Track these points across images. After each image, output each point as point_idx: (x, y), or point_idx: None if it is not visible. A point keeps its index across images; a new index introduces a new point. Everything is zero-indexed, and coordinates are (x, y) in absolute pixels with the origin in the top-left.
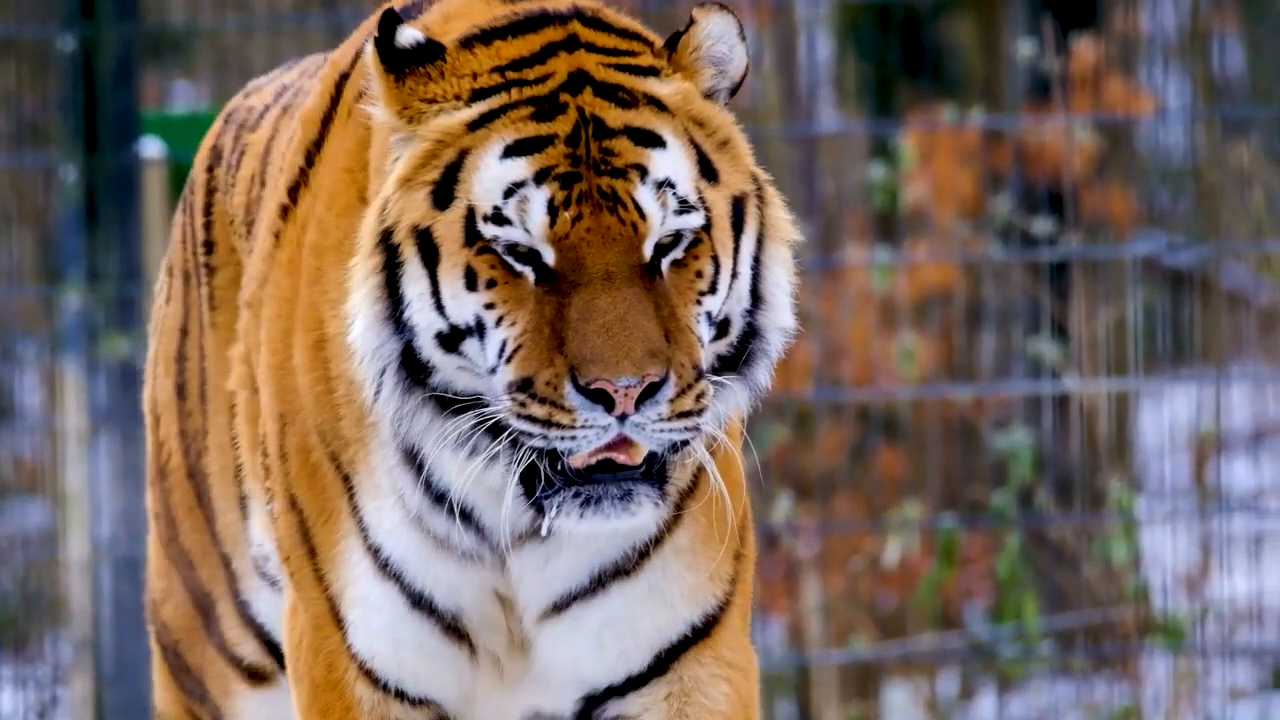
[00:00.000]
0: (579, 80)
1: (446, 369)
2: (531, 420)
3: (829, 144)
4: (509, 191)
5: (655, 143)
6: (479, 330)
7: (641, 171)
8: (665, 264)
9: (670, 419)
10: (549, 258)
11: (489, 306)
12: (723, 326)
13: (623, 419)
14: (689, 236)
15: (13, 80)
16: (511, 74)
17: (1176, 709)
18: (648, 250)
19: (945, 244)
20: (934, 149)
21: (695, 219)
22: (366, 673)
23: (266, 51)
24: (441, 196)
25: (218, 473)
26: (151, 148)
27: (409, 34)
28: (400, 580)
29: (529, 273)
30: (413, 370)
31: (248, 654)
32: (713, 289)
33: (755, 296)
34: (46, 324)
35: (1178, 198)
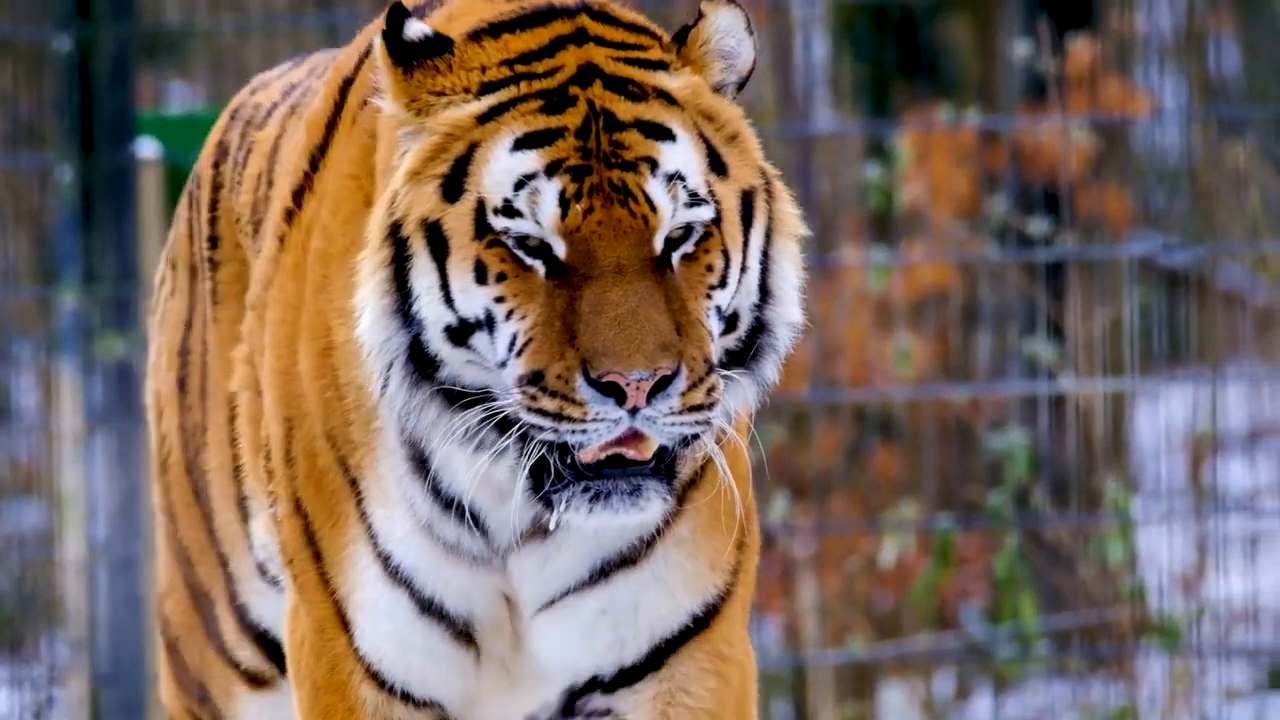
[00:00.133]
0: (588, 73)
1: (455, 363)
2: (542, 413)
3: (825, 144)
4: (520, 184)
5: (665, 136)
6: (488, 324)
7: (652, 164)
8: (676, 258)
9: (681, 412)
10: (560, 250)
11: (499, 300)
12: (731, 321)
13: (634, 412)
14: (699, 230)
15: (8, 81)
16: (520, 67)
17: (1172, 709)
18: (658, 243)
19: (941, 244)
20: (930, 149)
21: (705, 212)
22: (372, 675)
23: (262, 52)
24: (451, 189)
25: (216, 469)
26: (147, 148)
27: (417, 27)
28: (410, 586)
29: (539, 266)
30: (420, 364)
31: (245, 658)
32: (723, 283)
33: (763, 291)
34: (42, 324)
35: (1174, 198)
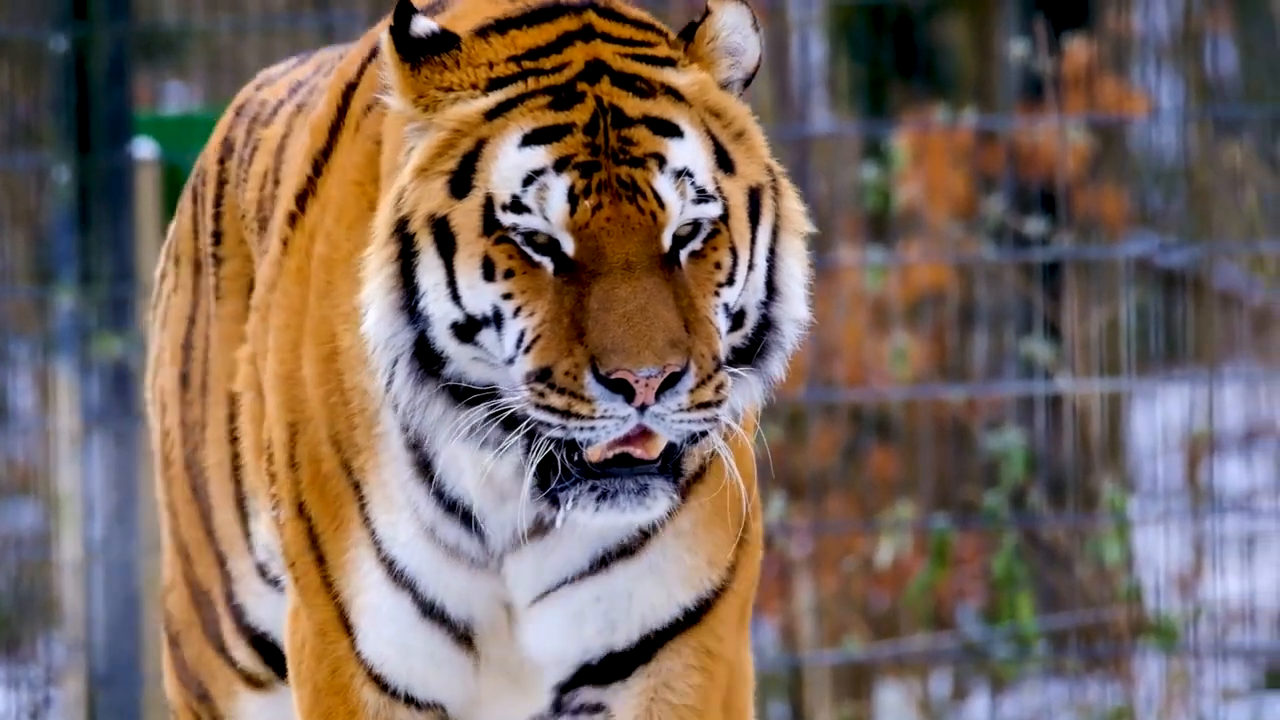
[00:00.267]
0: (596, 69)
1: (461, 359)
2: (550, 410)
3: (822, 145)
4: (528, 179)
5: (673, 132)
6: (496, 320)
7: (660, 160)
8: (684, 255)
9: (690, 409)
10: (568, 247)
11: (507, 297)
12: (738, 318)
13: (642, 409)
14: (707, 227)
15: (5, 81)
16: (528, 63)
17: (1169, 709)
18: (666, 240)
19: (938, 244)
20: (927, 149)
21: (713, 209)
22: (375, 678)
23: (259, 52)
24: (459, 185)
25: (214, 466)
26: (144, 149)
27: (424, 23)
28: (413, 590)
29: (547, 263)
30: (426, 360)
31: (241, 658)
32: (730, 280)
33: (770, 288)
34: (39, 325)
35: (1170, 198)
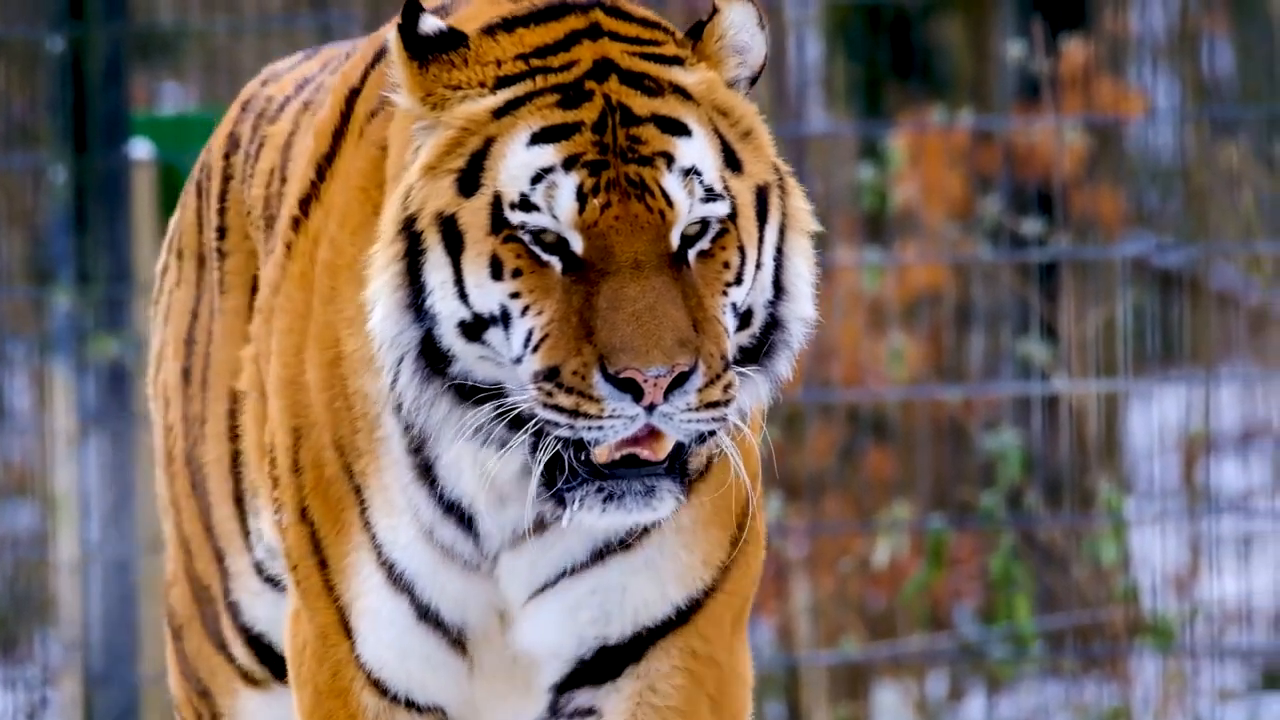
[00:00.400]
0: (604, 68)
1: (467, 358)
2: (558, 410)
3: (818, 145)
4: (537, 178)
5: (681, 131)
6: (504, 319)
7: (668, 159)
8: (692, 254)
9: (698, 409)
10: (577, 245)
11: (514, 296)
12: (746, 318)
13: (650, 409)
14: (715, 226)
15: (2, 81)
16: (536, 61)
17: (1166, 710)
18: (675, 238)
19: (934, 245)
20: (923, 150)
21: (721, 207)
22: (374, 682)
23: (255, 53)
24: (467, 183)
25: (213, 462)
26: (141, 149)
27: (432, 22)
28: (411, 593)
29: (555, 262)
30: (432, 359)
31: (238, 655)
32: (739, 280)
33: (777, 287)
34: (36, 325)
35: (1167, 198)
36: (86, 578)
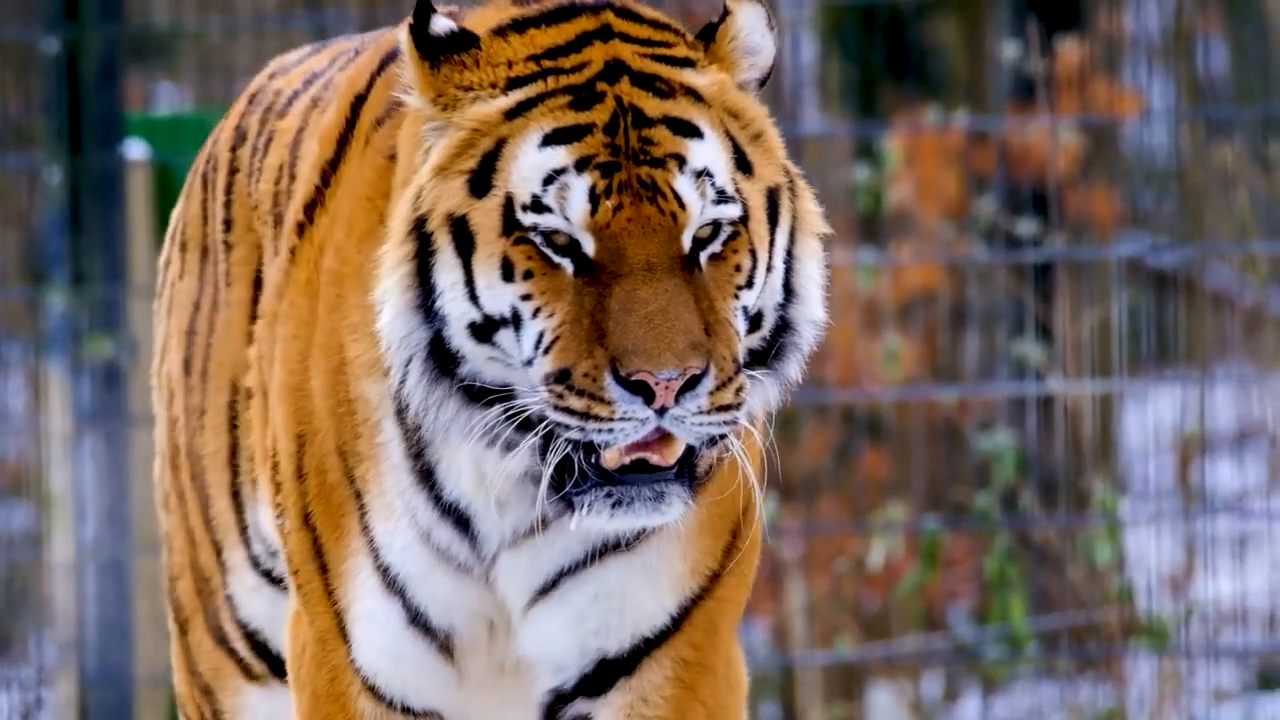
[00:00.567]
0: (616, 69)
1: (476, 359)
2: (569, 412)
3: (813, 145)
4: (549, 179)
5: (693, 133)
6: (514, 321)
7: (680, 161)
8: (704, 257)
9: (710, 412)
10: (589, 247)
11: (526, 298)
12: (756, 320)
13: (662, 412)
14: (727, 229)
15: None
16: (547, 62)
17: (1161, 710)
18: (687, 241)
19: (929, 245)
20: (918, 150)
21: (732, 210)
22: (370, 688)
23: (251, 53)
24: (479, 185)
25: (211, 455)
26: (136, 149)
27: (443, 22)
28: (403, 596)
29: (567, 264)
30: (441, 360)
31: (239, 649)
32: (750, 283)
33: (788, 290)
34: (31, 326)
35: (1162, 199)
36: (81, 578)
